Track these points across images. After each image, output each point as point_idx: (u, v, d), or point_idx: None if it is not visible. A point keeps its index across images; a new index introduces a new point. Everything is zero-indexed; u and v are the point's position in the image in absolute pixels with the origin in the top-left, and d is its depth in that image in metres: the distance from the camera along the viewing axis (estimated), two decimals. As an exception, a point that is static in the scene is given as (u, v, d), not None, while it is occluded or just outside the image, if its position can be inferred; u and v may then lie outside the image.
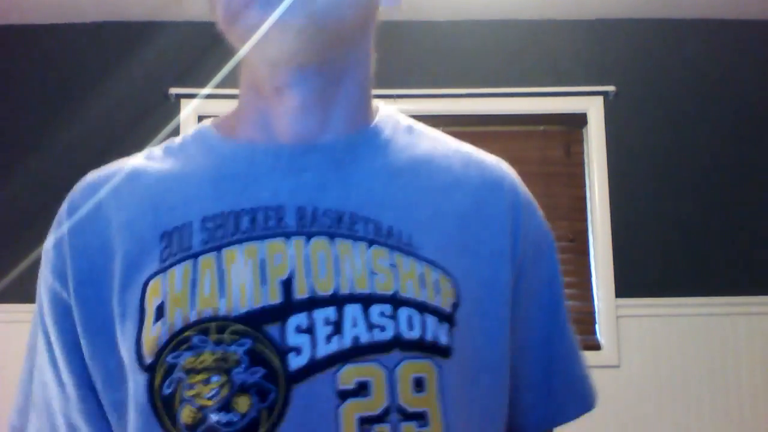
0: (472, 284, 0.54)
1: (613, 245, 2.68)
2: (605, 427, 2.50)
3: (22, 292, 2.53)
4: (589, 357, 0.61)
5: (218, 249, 0.51)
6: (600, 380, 0.62)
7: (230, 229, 0.51)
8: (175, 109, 2.73)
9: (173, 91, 2.72)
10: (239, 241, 0.51)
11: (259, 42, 0.49)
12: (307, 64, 0.53)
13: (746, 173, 2.74)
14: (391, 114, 0.62)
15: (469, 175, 0.59)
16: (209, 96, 2.74)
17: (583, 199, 2.74)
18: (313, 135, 0.55)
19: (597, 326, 2.64)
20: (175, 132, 2.71)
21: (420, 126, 0.64)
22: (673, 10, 2.76)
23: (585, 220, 2.73)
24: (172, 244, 0.52)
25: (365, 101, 0.59)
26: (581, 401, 0.63)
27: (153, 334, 0.49)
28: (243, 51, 0.51)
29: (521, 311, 0.58)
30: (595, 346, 2.60)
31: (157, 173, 0.56)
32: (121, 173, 0.57)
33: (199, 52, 2.69)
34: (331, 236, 0.51)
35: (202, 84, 2.64)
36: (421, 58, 2.78)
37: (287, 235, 0.51)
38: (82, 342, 0.53)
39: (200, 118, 2.74)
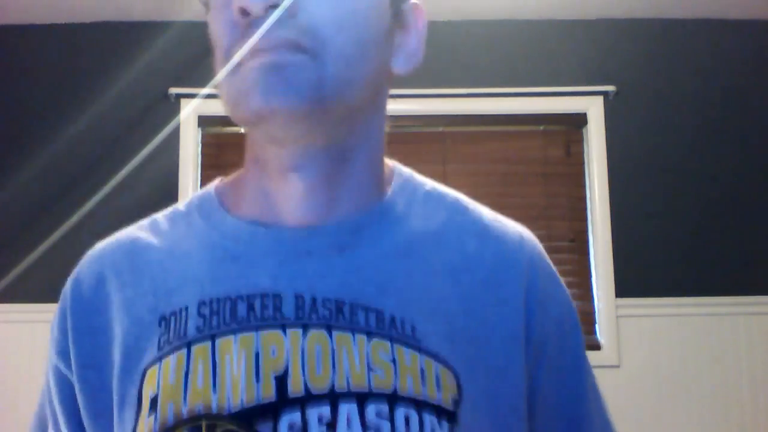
0: (479, 375, 0.51)
1: (613, 245, 2.68)
2: (605, 427, 2.49)
3: (22, 292, 2.53)
4: (589, 357, 0.60)
5: (213, 337, 0.49)
6: (600, 380, 0.62)
7: (226, 316, 0.50)
8: (175, 109, 2.73)
9: (173, 91, 2.72)
10: (234, 331, 0.49)
11: (264, 125, 0.49)
12: (313, 144, 0.51)
13: (746, 173, 2.74)
14: (409, 180, 0.59)
15: (484, 252, 0.56)
16: (209, 96, 2.74)
17: (583, 199, 2.74)
18: (320, 217, 0.53)
19: (597, 326, 2.64)
20: (175, 132, 2.71)
21: (439, 191, 0.60)
22: (673, 10, 2.76)
23: (585, 220, 2.73)
24: (169, 331, 0.51)
25: (376, 177, 0.57)
26: None
27: (146, 428, 0.48)
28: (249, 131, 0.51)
29: (541, 397, 0.55)
30: (595, 346, 2.60)
31: (158, 250, 0.55)
32: (125, 249, 0.56)
33: (199, 52, 2.69)
34: (330, 328, 0.49)
35: (202, 84, 2.63)
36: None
37: (284, 326, 0.49)
38: (85, 423, 0.53)
39: (200, 118, 2.74)
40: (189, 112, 2.72)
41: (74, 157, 2.70)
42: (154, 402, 0.48)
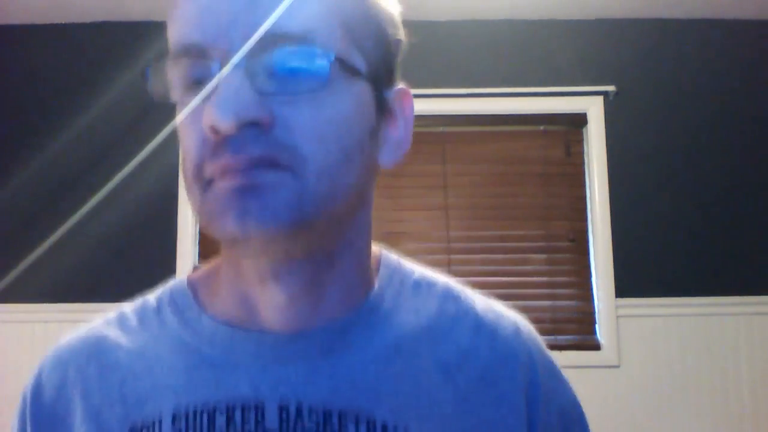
0: None
1: (613, 245, 2.68)
2: (605, 427, 2.50)
3: (22, 292, 2.53)
4: (589, 357, 0.60)
5: None
6: (600, 380, 0.61)
7: (203, 431, 0.46)
8: (175, 109, 2.73)
9: (173, 91, 2.71)
10: None
11: (240, 247, 0.44)
12: (294, 256, 0.47)
13: (746, 173, 2.74)
14: (395, 272, 0.55)
15: (478, 346, 0.53)
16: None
17: (583, 199, 2.74)
18: (304, 321, 0.49)
19: (597, 326, 2.64)
20: (175, 133, 2.70)
21: (428, 280, 0.56)
22: (673, 10, 2.76)
23: (585, 220, 2.73)
24: None
25: (363, 275, 0.52)
26: None
27: None
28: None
29: None
30: (595, 346, 2.60)
31: (127, 352, 0.51)
32: (90, 351, 0.52)
33: (199, 52, 2.69)
34: None
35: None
36: (421, 58, 2.78)
37: None
38: None
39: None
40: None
41: (74, 157, 2.69)
42: None
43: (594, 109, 2.77)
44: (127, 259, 2.63)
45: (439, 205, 2.73)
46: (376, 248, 0.56)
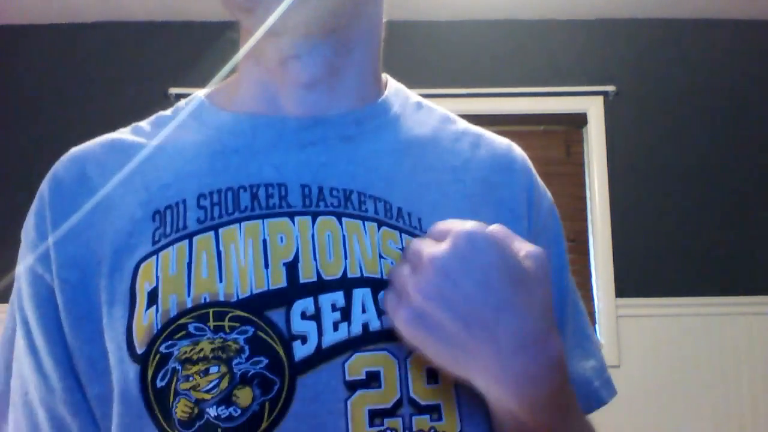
0: None
1: (613, 245, 2.68)
2: (605, 426, 2.49)
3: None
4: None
5: (216, 228, 0.47)
6: (600, 380, 0.62)
7: (228, 206, 0.47)
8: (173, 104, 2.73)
9: (173, 91, 2.72)
10: (238, 220, 0.47)
11: (260, 10, 0.46)
12: (313, 33, 0.49)
13: (746, 173, 2.74)
14: (400, 88, 0.59)
15: (480, 156, 0.56)
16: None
17: (583, 199, 2.74)
18: (321, 108, 0.51)
19: (597, 326, 2.64)
20: (175, 132, 2.71)
21: (429, 103, 0.60)
22: (673, 10, 2.76)
23: (585, 220, 2.73)
24: (165, 224, 0.47)
25: (375, 72, 0.56)
26: (602, 390, 0.62)
27: (145, 321, 0.44)
28: (246, 23, 0.47)
29: None
30: (595, 346, 2.60)
31: (147, 148, 0.52)
32: (108, 146, 0.53)
33: (199, 52, 2.69)
34: (339, 216, 0.48)
35: (202, 84, 2.63)
36: (421, 58, 2.78)
37: (292, 214, 0.47)
38: (65, 329, 0.48)
39: (200, 118, 2.74)
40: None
41: (74, 157, 2.70)
42: (152, 295, 0.45)
43: (594, 109, 2.77)
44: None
45: (439, 205, 2.73)
46: (384, 73, 0.59)
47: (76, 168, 0.52)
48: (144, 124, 0.55)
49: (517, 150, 0.61)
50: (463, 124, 0.60)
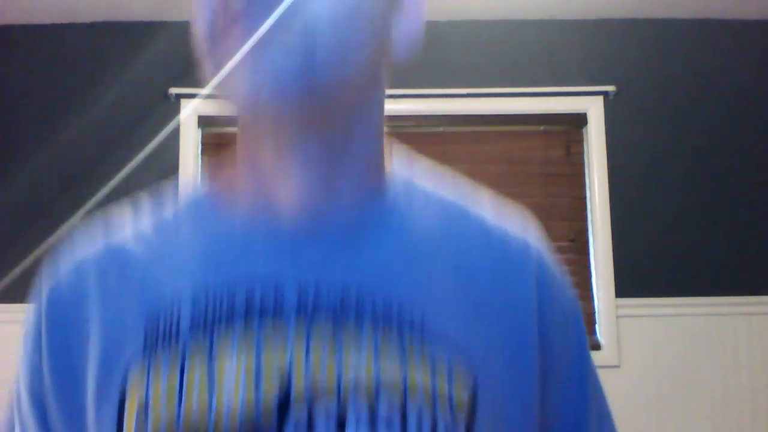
0: (493, 369, 0.49)
1: (613, 245, 2.68)
2: (605, 427, 2.49)
3: (22, 292, 2.53)
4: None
5: (209, 334, 0.46)
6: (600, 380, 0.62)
7: (222, 308, 0.47)
8: (175, 109, 2.73)
9: (173, 91, 2.72)
10: (232, 324, 0.46)
11: (254, 107, 0.45)
12: (310, 131, 0.47)
13: (746, 173, 2.74)
14: (407, 176, 0.56)
15: (490, 250, 0.53)
16: (209, 96, 2.74)
17: (583, 199, 2.74)
18: (320, 209, 0.50)
19: (597, 326, 2.64)
20: (175, 132, 2.71)
21: (438, 189, 0.57)
22: (673, 10, 2.76)
23: (585, 220, 2.73)
24: (158, 330, 0.47)
25: (378, 164, 0.53)
26: None
27: None
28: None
29: (550, 391, 0.53)
30: (595, 346, 2.60)
31: (145, 256, 0.51)
32: (109, 257, 0.52)
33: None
34: (335, 316, 0.46)
35: (202, 84, 2.64)
36: (421, 58, 2.77)
37: (286, 317, 0.46)
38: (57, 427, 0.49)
39: (200, 119, 2.74)
40: (189, 112, 2.72)
41: (74, 157, 2.70)
42: (143, 405, 0.45)
43: (594, 109, 2.77)
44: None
45: (439, 205, 2.73)
46: (390, 149, 0.56)
47: (74, 281, 0.52)
48: (147, 224, 0.54)
49: (532, 237, 0.57)
50: (476, 207, 0.56)
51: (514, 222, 0.57)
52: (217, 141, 2.76)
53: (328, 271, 0.48)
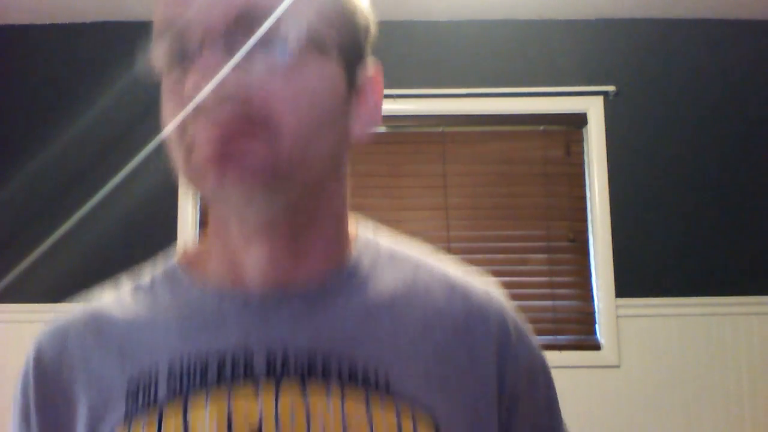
0: (455, 423, 0.52)
1: (613, 245, 2.68)
2: (605, 427, 2.49)
3: (22, 292, 2.53)
4: (589, 357, 0.61)
5: (184, 398, 0.50)
6: (600, 380, 0.62)
7: (197, 375, 0.50)
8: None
9: (173, 91, 2.71)
10: (206, 390, 0.50)
11: (222, 196, 0.49)
12: (275, 212, 0.52)
13: (746, 173, 2.74)
14: (372, 240, 0.60)
15: (453, 306, 0.57)
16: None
17: (583, 199, 2.74)
18: (287, 280, 0.54)
19: (597, 326, 2.64)
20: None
21: (401, 248, 0.61)
22: (673, 10, 2.76)
23: (585, 220, 2.73)
24: (138, 394, 0.51)
25: (340, 236, 0.57)
26: None
27: None
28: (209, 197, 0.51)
29: None
30: (595, 346, 2.60)
31: (123, 321, 0.55)
32: (90, 321, 0.56)
33: (199, 52, 2.69)
34: (303, 380, 0.49)
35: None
36: (421, 58, 2.78)
37: (256, 382, 0.49)
38: None
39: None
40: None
41: (74, 157, 2.69)
42: None
43: (594, 109, 2.77)
44: (127, 259, 2.63)
45: (439, 206, 2.73)
46: (353, 219, 0.60)
47: (58, 344, 0.55)
48: (126, 290, 0.59)
49: (494, 295, 0.60)
50: (439, 270, 0.60)
51: (476, 280, 0.61)
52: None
53: (295, 338, 0.51)
